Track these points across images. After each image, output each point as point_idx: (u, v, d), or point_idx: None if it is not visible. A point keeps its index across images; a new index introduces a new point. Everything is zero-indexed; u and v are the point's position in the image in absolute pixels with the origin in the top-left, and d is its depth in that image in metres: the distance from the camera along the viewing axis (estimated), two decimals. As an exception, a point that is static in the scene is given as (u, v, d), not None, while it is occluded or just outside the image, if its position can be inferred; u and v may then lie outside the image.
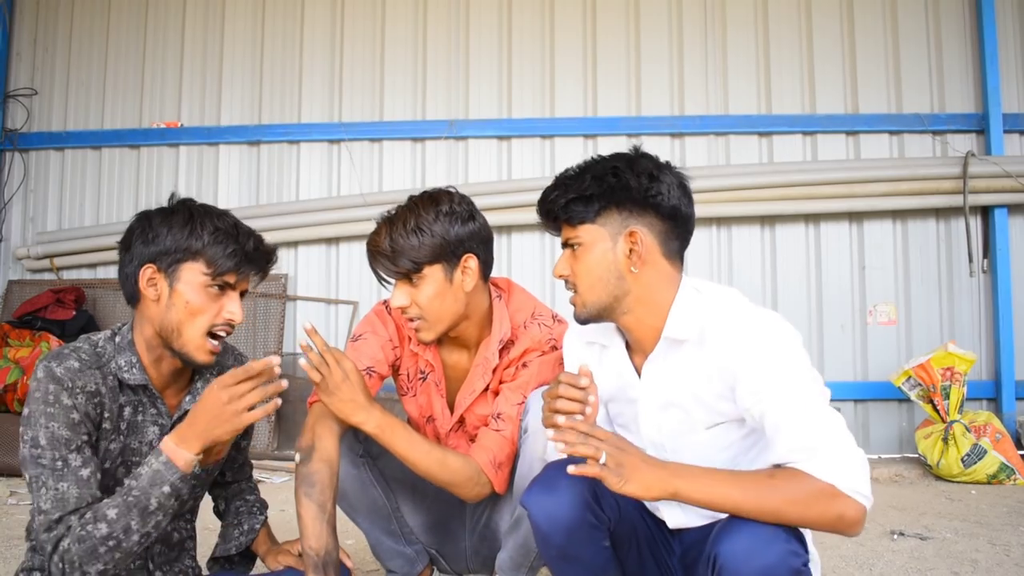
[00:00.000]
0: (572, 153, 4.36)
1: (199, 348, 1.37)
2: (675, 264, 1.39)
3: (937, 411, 3.66)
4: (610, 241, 1.35)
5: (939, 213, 4.20)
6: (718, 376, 1.30)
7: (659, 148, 4.30)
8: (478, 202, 1.60)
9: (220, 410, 1.26)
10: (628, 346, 1.45)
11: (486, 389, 1.70)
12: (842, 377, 4.16)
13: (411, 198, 1.65)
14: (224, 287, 1.37)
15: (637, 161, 1.38)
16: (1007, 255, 4.09)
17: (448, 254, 1.58)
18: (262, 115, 4.51)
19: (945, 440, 3.56)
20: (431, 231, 1.56)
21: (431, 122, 4.42)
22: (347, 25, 4.52)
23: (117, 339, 1.41)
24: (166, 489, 1.26)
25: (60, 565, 1.23)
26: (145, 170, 4.54)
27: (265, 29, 4.56)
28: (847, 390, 4.13)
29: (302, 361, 1.55)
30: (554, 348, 1.67)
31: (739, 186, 4.13)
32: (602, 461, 1.17)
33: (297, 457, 1.52)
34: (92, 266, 4.45)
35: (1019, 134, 4.24)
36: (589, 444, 1.18)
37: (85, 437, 1.30)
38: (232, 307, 1.38)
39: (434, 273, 1.58)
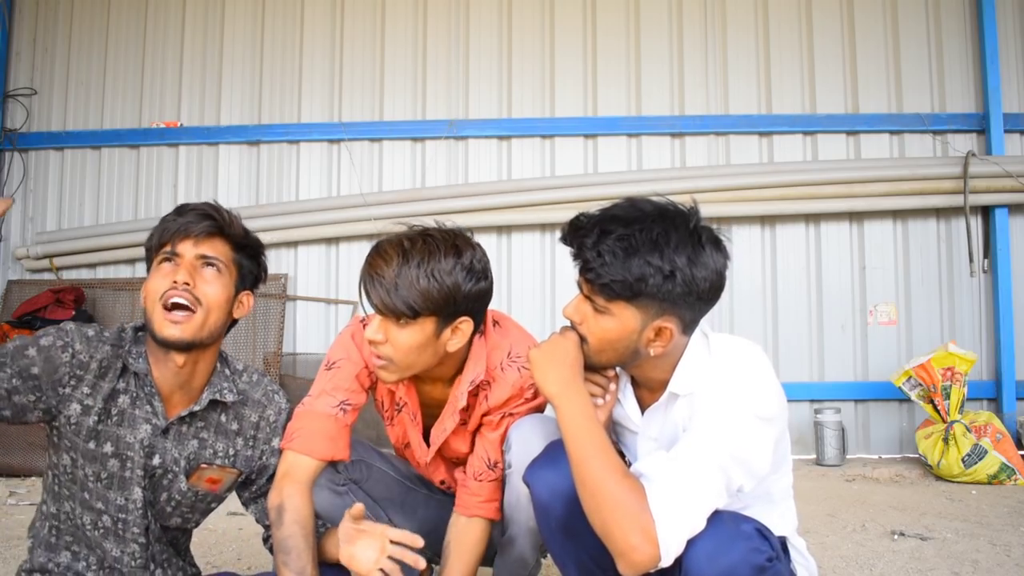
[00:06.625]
0: (572, 153, 4.36)
1: (159, 323, 1.37)
2: (691, 333, 1.35)
3: (938, 411, 3.65)
4: (639, 324, 1.27)
5: (939, 213, 4.20)
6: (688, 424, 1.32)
7: (659, 148, 4.31)
8: (478, 202, 1.60)
9: None
10: (634, 381, 1.46)
11: (463, 423, 1.63)
12: (842, 377, 4.16)
13: (433, 233, 1.45)
14: (171, 259, 1.39)
15: (700, 255, 1.23)
16: (1007, 255, 4.09)
17: (449, 311, 1.42)
18: (262, 115, 4.51)
19: (946, 440, 3.56)
20: (442, 282, 1.38)
21: (431, 122, 4.41)
22: (347, 25, 4.52)
23: (140, 333, 1.47)
24: None
25: None
26: (145, 170, 4.54)
27: (265, 29, 4.55)
28: (847, 390, 4.13)
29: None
30: (537, 394, 1.57)
31: (739, 186, 4.12)
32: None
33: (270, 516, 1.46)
34: (92, 266, 4.45)
35: (1020, 134, 4.23)
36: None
37: (35, 370, 1.32)
38: (177, 272, 1.37)
39: (425, 325, 1.41)
